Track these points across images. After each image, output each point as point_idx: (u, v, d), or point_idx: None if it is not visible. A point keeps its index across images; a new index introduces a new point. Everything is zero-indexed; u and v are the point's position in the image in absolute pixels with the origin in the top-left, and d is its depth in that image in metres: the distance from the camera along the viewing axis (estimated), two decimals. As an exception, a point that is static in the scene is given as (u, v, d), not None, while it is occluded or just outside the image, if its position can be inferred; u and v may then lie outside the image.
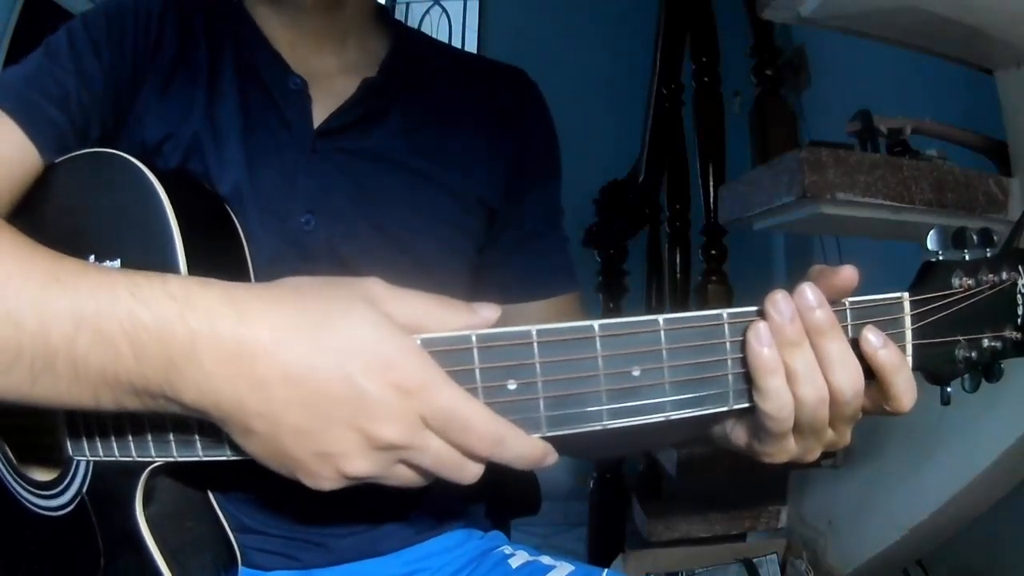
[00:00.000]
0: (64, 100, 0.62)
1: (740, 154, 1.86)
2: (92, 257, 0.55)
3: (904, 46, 1.12)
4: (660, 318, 0.44)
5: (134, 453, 0.52)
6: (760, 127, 1.77)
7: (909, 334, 0.48)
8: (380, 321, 0.42)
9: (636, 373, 0.44)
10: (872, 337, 0.45)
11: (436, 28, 3.84)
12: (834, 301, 0.46)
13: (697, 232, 1.87)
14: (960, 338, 0.49)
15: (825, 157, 0.99)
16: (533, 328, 0.43)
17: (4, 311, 0.42)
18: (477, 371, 0.43)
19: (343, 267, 0.66)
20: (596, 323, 0.44)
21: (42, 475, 0.61)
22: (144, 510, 0.54)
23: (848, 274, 0.45)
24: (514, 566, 0.69)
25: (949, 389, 0.50)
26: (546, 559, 0.70)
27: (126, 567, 0.55)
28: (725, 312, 0.45)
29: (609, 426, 0.44)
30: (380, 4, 0.77)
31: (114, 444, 0.53)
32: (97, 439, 0.54)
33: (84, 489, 0.57)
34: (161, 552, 0.54)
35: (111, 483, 0.55)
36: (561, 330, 0.43)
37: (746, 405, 0.46)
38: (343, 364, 0.41)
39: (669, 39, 1.99)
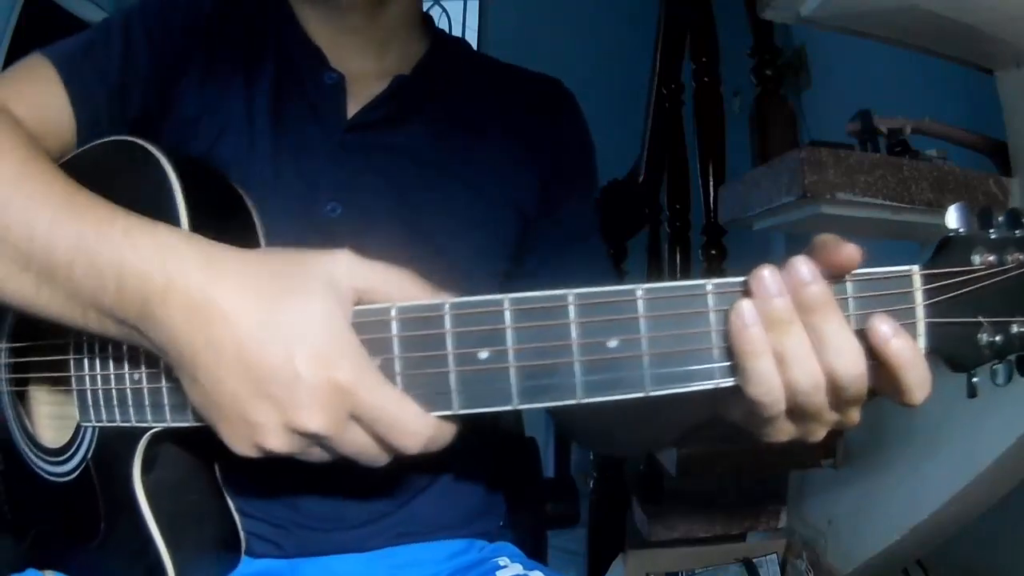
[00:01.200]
0: (105, 77, 0.65)
1: (740, 154, 1.86)
2: None
3: (904, 46, 1.12)
4: (639, 287, 0.42)
5: (133, 419, 0.53)
6: (760, 127, 1.76)
7: (921, 310, 0.43)
8: (334, 312, 0.44)
9: (613, 344, 0.42)
10: (883, 326, 0.41)
11: (436, 28, 3.84)
12: (833, 278, 0.42)
13: (697, 232, 1.87)
14: (983, 320, 0.43)
15: (825, 157, 0.99)
16: (506, 296, 0.43)
17: (24, 220, 0.49)
18: (448, 337, 0.43)
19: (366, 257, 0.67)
20: (571, 292, 0.42)
21: (54, 442, 0.62)
22: (143, 476, 0.55)
23: (851, 252, 0.41)
24: None
25: (976, 379, 0.44)
26: (537, 574, 0.68)
27: (122, 532, 0.56)
28: (709, 282, 0.42)
29: (584, 401, 0.43)
30: (424, 12, 0.78)
31: (116, 410, 0.54)
32: (102, 405, 0.55)
33: (88, 455, 0.58)
34: (156, 519, 0.54)
35: (113, 449, 0.56)
36: (534, 298, 0.43)
37: (732, 382, 0.43)
38: (289, 345, 0.43)
39: (669, 39, 1.98)
